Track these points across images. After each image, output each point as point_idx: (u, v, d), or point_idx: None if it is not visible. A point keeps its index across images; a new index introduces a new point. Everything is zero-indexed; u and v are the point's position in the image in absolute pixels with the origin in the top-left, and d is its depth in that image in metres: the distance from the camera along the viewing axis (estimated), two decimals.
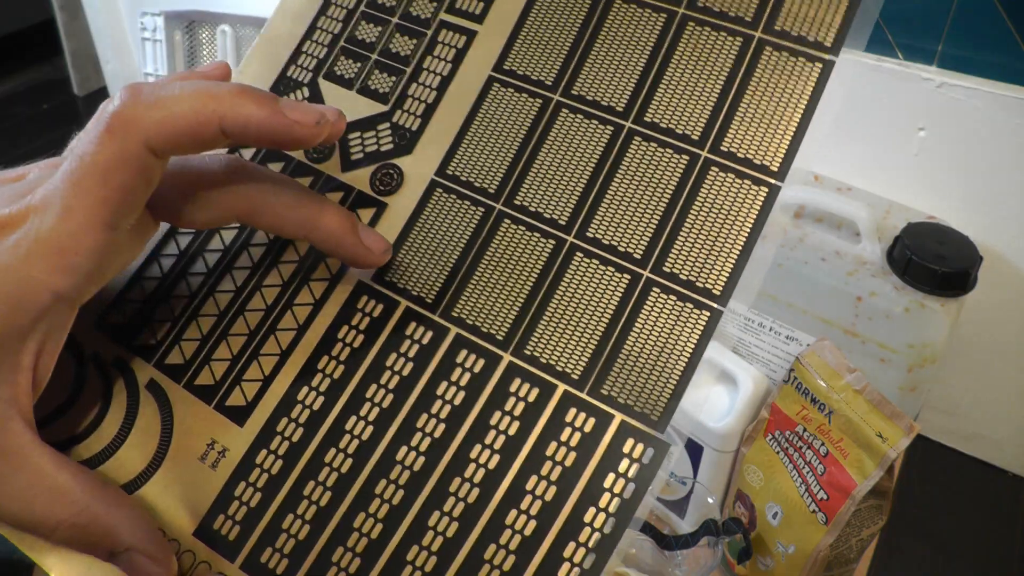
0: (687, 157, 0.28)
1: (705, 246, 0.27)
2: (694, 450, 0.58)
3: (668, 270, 0.27)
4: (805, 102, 0.28)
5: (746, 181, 0.27)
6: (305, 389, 0.28)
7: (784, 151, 0.28)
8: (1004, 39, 0.68)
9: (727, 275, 0.27)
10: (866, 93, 0.74)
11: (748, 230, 0.27)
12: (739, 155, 0.28)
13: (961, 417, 0.85)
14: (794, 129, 0.28)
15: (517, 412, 0.26)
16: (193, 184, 0.27)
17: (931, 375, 0.61)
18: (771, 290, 0.64)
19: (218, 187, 0.27)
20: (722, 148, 0.28)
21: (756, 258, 0.28)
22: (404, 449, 0.27)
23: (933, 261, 0.58)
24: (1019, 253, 0.74)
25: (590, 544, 0.24)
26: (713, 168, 0.28)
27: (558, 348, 0.27)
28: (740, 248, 0.27)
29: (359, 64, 0.33)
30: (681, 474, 0.60)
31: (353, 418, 0.28)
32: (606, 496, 0.25)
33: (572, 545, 0.24)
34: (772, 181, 0.28)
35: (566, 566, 0.24)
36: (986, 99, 0.69)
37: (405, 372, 0.28)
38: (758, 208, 0.27)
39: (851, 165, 0.75)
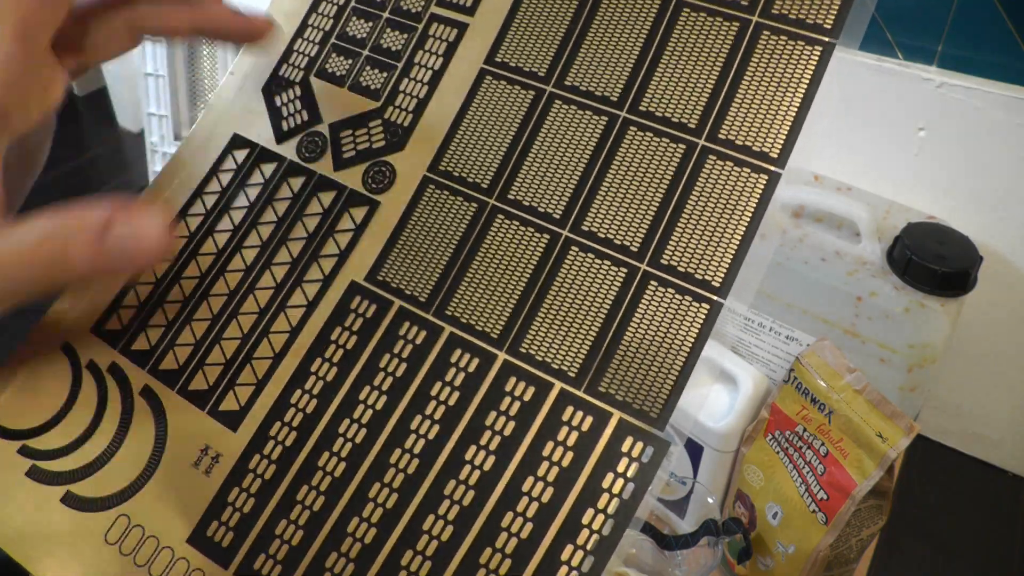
0: (684, 146, 0.27)
1: (704, 237, 0.26)
2: (694, 450, 0.58)
3: (666, 262, 0.26)
4: (805, 87, 0.27)
5: (745, 169, 0.27)
6: (298, 392, 0.28)
7: (784, 137, 0.27)
8: (1004, 39, 0.68)
9: (727, 266, 0.26)
10: (866, 93, 0.74)
11: (748, 219, 0.27)
12: (737, 143, 0.27)
13: (961, 417, 0.85)
14: (794, 115, 0.27)
15: (513, 412, 0.26)
16: (88, 14, 0.27)
17: (931, 375, 0.61)
18: (771, 290, 0.64)
19: (111, 10, 0.27)
20: (720, 136, 0.27)
21: (755, 256, 0.27)
22: (398, 452, 0.26)
23: (933, 261, 0.58)
24: (1019, 253, 0.74)
25: (588, 547, 0.24)
26: (711, 156, 0.27)
27: (554, 345, 0.26)
28: (740, 238, 0.26)
29: (350, 61, 0.33)
30: (681, 474, 0.60)
31: (347, 421, 0.27)
32: (604, 497, 0.24)
33: (570, 548, 0.24)
34: (772, 168, 0.27)
35: (564, 569, 0.24)
36: (986, 99, 0.69)
37: (399, 373, 0.27)
38: (758, 196, 0.27)
39: (851, 165, 0.75)
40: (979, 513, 0.81)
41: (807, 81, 0.27)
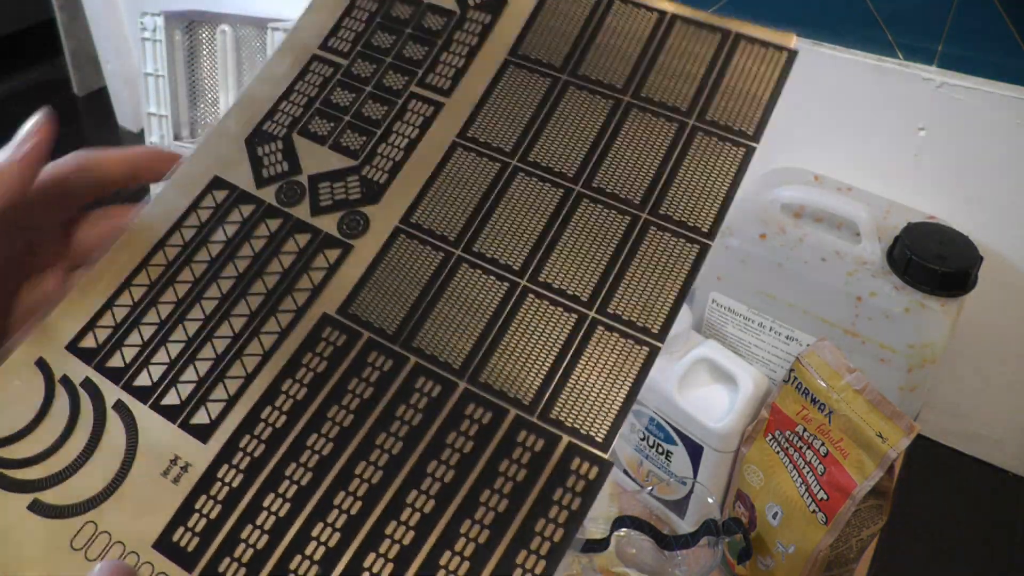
0: (629, 218, 0.32)
1: (645, 291, 0.31)
2: (694, 450, 0.58)
3: (612, 311, 0.30)
4: (732, 176, 0.32)
5: (680, 239, 0.31)
6: (268, 409, 0.30)
7: (715, 214, 0.32)
8: (1004, 39, 0.68)
9: (664, 316, 0.30)
10: (866, 93, 0.74)
11: (683, 279, 0.31)
12: (675, 217, 0.32)
13: (961, 417, 0.85)
14: (723, 197, 0.32)
15: (472, 433, 0.28)
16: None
17: (931, 375, 0.61)
18: (771, 290, 0.64)
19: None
20: (660, 211, 0.32)
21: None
22: (363, 464, 0.28)
23: (933, 261, 0.58)
24: (1019, 253, 0.74)
25: (541, 552, 0.26)
26: (652, 228, 0.32)
27: (510, 377, 0.29)
28: (677, 293, 0.31)
29: (332, 124, 0.36)
30: (681, 474, 0.60)
31: (314, 435, 0.29)
32: (555, 508, 0.27)
33: (524, 553, 0.26)
34: (703, 240, 0.31)
35: (518, 571, 0.26)
36: (986, 99, 0.69)
37: (365, 395, 0.29)
38: (691, 262, 0.31)
39: (851, 165, 0.75)
40: (979, 513, 0.81)
41: (734, 172, 0.32)
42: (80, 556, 0.28)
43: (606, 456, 0.27)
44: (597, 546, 0.52)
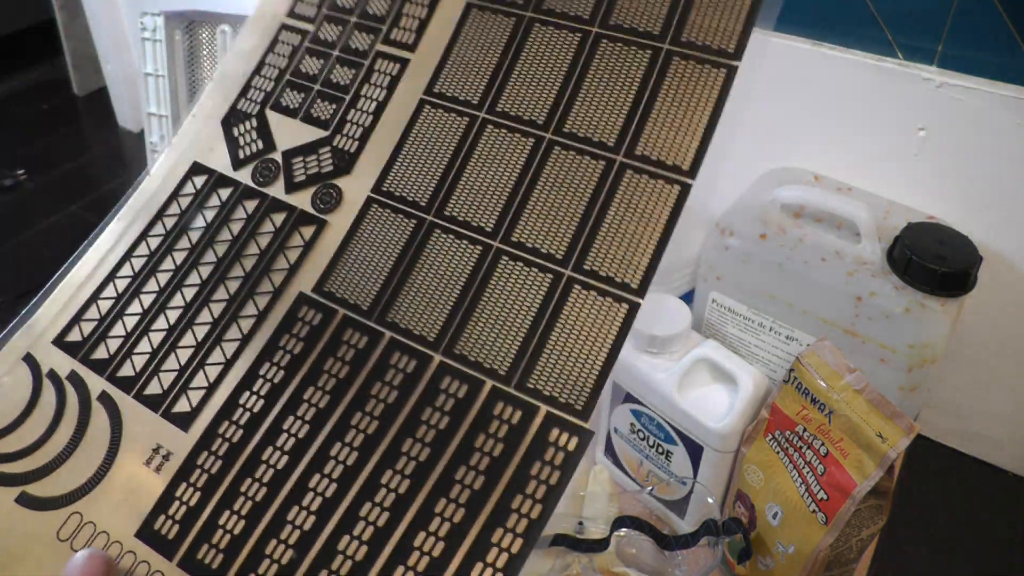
0: (603, 163, 0.30)
1: (623, 244, 0.29)
2: (694, 450, 0.58)
3: (588, 268, 0.29)
4: (713, 104, 0.30)
5: (660, 181, 0.29)
6: (247, 394, 0.30)
7: (695, 151, 0.29)
8: (1004, 39, 0.68)
9: (644, 269, 0.28)
10: (866, 93, 0.74)
11: (663, 226, 0.29)
12: (652, 157, 0.30)
13: (961, 417, 0.85)
14: (703, 130, 0.30)
15: (447, 408, 0.28)
16: None
17: (931, 375, 0.61)
18: (771, 290, 0.64)
19: None
20: (636, 152, 0.30)
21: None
22: (338, 445, 0.28)
23: (933, 261, 0.58)
24: (1019, 253, 0.74)
25: (518, 529, 0.25)
26: (628, 171, 0.30)
27: (486, 346, 0.29)
28: (656, 244, 0.29)
29: (303, 95, 0.36)
30: (681, 474, 0.60)
31: (291, 418, 0.29)
32: (532, 484, 0.26)
33: (500, 531, 0.25)
34: (684, 180, 0.29)
35: (494, 551, 0.25)
36: (986, 99, 0.69)
37: (341, 375, 0.29)
38: (672, 205, 0.29)
39: (851, 165, 0.75)
40: (979, 513, 0.81)
41: (715, 99, 0.30)
42: (66, 547, 0.28)
43: (586, 425, 0.27)
44: (597, 546, 0.52)
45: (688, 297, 0.72)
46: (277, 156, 0.35)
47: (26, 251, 1.20)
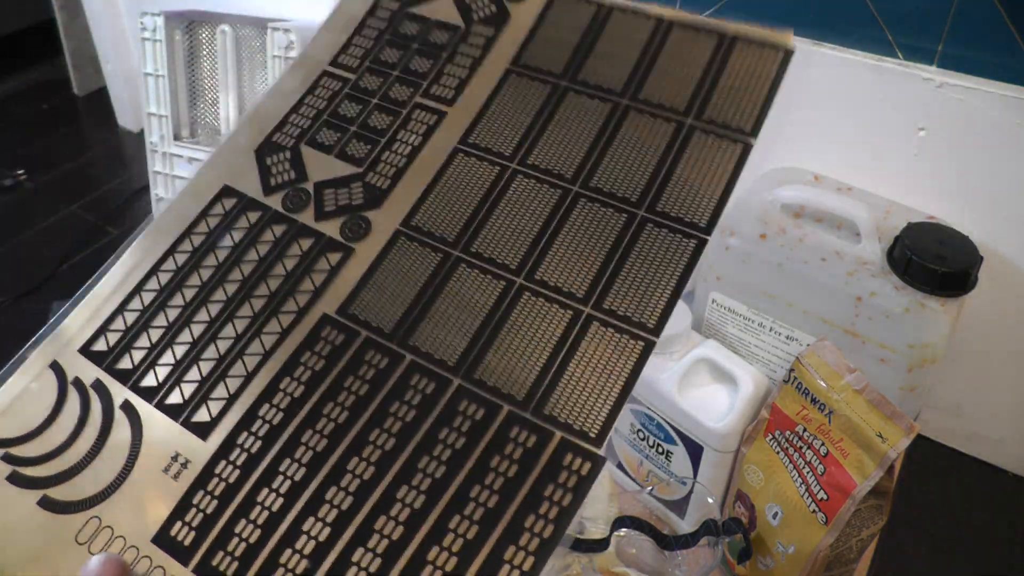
0: (626, 215, 0.32)
1: (641, 288, 0.30)
2: (694, 450, 0.58)
3: (607, 307, 0.30)
4: (730, 173, 0.32)
5: (678, 235, 0.31)
6: (266, 406, 0.30)
7: (712, 208, 0.32)
8: (1004, 39, 0.68)
9: (660, 310, 0.30)
10: (866, 93, 0.74)
11: (680, 273, 0.31)
12: (672, 214, 0.32)
13: (961, 417, 0.85)
14: (720, 193, 0.32)
15: (464, 429, 0.29)
16: None
17: (931, 375, 0.61)
18: (771, 290, 0.64)
19: None
20: (657, 208, 0.32)
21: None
22: (355, 459, 0.29)
23: (933, 261, 0.58)
24: (1019, 253, 0.74)
25: (530, 548, 0.26)
26: (649, 224, 0.32)
27: (504, 373, 0.30)
28: (672, 288, 0.30)
29: (339, 134, 0.37)
30: (681, 474, 0.60)
31: (309, 431, 0.29)
32: (545, 504, 0.27)
33: (512, 548, 0.26)
34: (701, 235, 0.31)
35: (506, 568, 0.26)
36: (986, 99, 0.69)
37: (361, 392, 0.30)
38: (688, 256, 0.31)
39: (851, 165, 0.75)
40: (979, 513, 0.81)
41: (731, 169, 0.32)
42: (84, 550, 0.29)
43: (599, 452, 0.27)
44: (597, 546, 0.52)
45: (688, 297, 0.72)
46: (309, 186, 0.36)
47: (26, 251, 1.21)
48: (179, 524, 0.29)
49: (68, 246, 1.19)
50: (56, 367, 0.33)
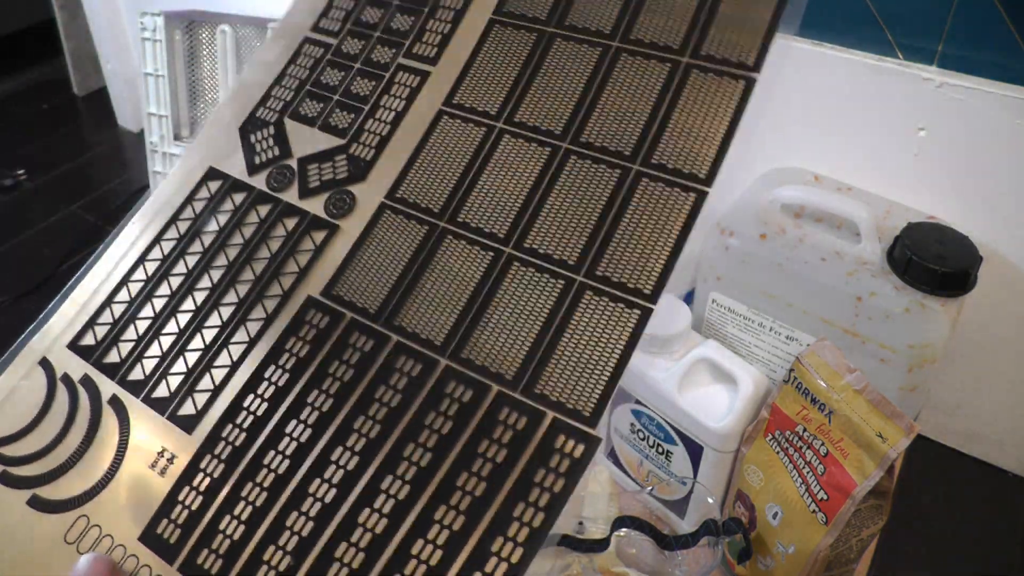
0: (619, 171, 0.30)
1: (636, 250, 0.29)
2: (694, 450, 0.58)
3: (601, 274, 0.29)
4: (730, 115, 0.30)
5: (675, 189, 0.29)
6: (251, 397, 0.30)
7: (712, 159, 0.29)
8: (1004, 39, 0.68)
9: (657, 276, 0.28)
10: (866, 93, 0.74)
11: (677, 233, 0.28)
12: (669, 166, 0.30)
13: (961, 417, 0.85)
14: (720, 140, 0.30)
15: (451, 412, 0.27)
16: None
17: (931, 375, 0.61)
18: (771, 290, 0.64)
19: None
20: (652, 161, 0.30)
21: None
22: (340, 450, 0.28)
23: (933, 261, 0.58)
24: (1019, 253, 0.74)
25: (519, 538, 0.25)
26: (644, 179, 0.30)
27: (493, 351, 0.28)
28: (670, 251, 0.28)
29: (321, 104, 0.36)
30: (681, 474, 0.60)
31: (294, 422, 0.29)
32: (536, 491, 0.25)
33: (500, 540, 0.25)
34: (701, 187, 0.29)
35: (493, 561, 0.25)
36: (986, 99, 0.69)
37: (346, 378, 0.29)
38: (687, 212, 0.29)
39: (851, 165, 0.75)
40: (979, 513, 0.81)
41: (733, 110, 0.30)
42: (72, 549, 0.29)
43: (593, 431, 0.26)
44: (597, 546, 0.52)
45: (688, 297, 0.72)
46: (292, 163, 0.35)
47: (26, 251, 1.21)
48: (165, 522, 0.28)
49: (68, 246, 1.19)
50: (45, 364, 0.33)
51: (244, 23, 1.02)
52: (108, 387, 0.32)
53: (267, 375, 0.30)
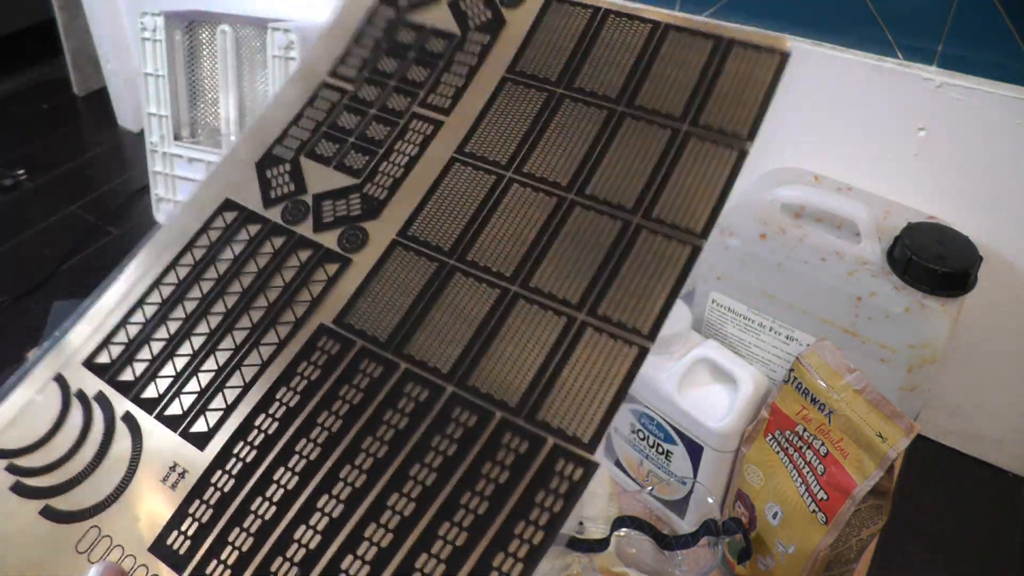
0: (621, 222, 0.32)
1: (635, 293, 0.30)
2: (694, 450, 0.58)
3: (602, 313, 0.30)
4: (726, 178, 0.32)
5: (673, 241, 0.31)
6: (262, 416, 0.31)
7: (708, 214, 0.32)
8: (1004, 39, 0.68)
9: (655, 316, 0.30)
10: (866, 93, 0.74)
11: (675, 279, 0.31)
12: (667, 221, 0.32)
13: (961, 417, 0.85)
14: (716, 198, 0.32)
15: (457, 436, 0.29)
16: None
17: (931, 375, 0.61)
18: (771, 290, 0.64)
19: None
20: (652, 215, 0.32)
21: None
22: (347, 467, 0.29)
23: (933, 261, 0.58)
24: (1019, 253, 0.74)
25: (519, 554, 0.26)
26: (644, 231, 0.32)
27: (498, 380, 0.30)
28: (667, 294, 0.30)
29: (337, 145, 0.37)
30: (681, 474, 0.60)
31: (303, 440, 0.30)
32: (536, 511, 0.27)
33: (501, 555, 0.26)
34: (697, 241, 0.31)
35: (494, 575, 0.26)
36: (986, 99, 0.69)
37: (355, 401, 0.30)
38: (683, 262, 0.31)
39: (851, 165, 0.75)
40: (979, 513, 0.81)
41: (727, 174, 0.32)
42: (83, 559, 0.29)
43: (592, 457, 0.27)
44: (597, 546, 0.52)
45: (688, 297, 0.72)
46: (307, 198, 0.36)
47: (26, 251, 1.21)
48: (175, 533, 0.29)
49: (68, 246, 1.19)
50: (60, 379, 0.34)
51: (244, 23, 1.02)
52: (122, 404, 0.33)
53: (278, 396, 0.31)
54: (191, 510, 0.29)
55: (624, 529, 0.53)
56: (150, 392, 0.33)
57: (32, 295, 1.11)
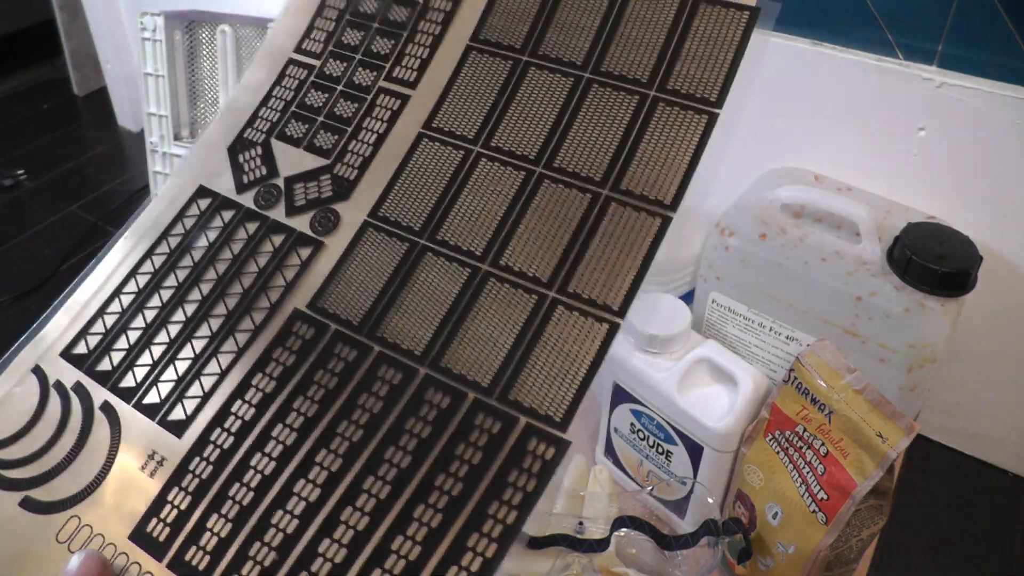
0: (590, 195, 0.32)
1: (606, 270, 0.30)
2: (694, 450, 0.58)
3: (572, 290, 0.30)
4: (695, 146, 0.32)
5: (642, 214, 0.31)
6: (239, 403, 0.31)
7: (677, 187, 0.31)
8: (1004, 39, 0.68)
9: (625, 292, 0.30)
10: (866, 93, 0.74)
11: (644, 254, 0.30)
12: (636, 192, 0.32)
13: (961, 417, 0.85)
14: (685, 169, 0.31)
15: (430, 418, 0.29)
16: None
17: (931, 375, 0.61)
18: (771, 290, 0.64)
19: None
20: (622, 187, 0.32)
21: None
22: (323, 452, 0.29)
23: (933, 261, 0.58)
24: (1019, 253, 0.74)
25: (493, 534, 0.26)
26: (613, 203, 0.32)
27: (470, 360, 0.30)
28: (637, 270, 0.30)
29: (307, 126, 0.37)
30: (681, 474, 0.60)
31: (280, 426, 0.30)
32: (509, 490, 0.27)
33: (475, 536, 0.26)
34: (666, 213, 0.31)
35: (468, 555, 0.26)
36: (986, 99, 0.69)
37: (330, 386, 0.31)
38: (653, 235, 0.31)
39: (851, 165, 0.75)
40: (979, 513, 0.81)
41: (696, 142, 0.32)
42: (64, 548, 0.30)
43: (564, 436, 0.27)
44: (597, 546, 0.52)
45: (688, 297, 0.72)
46: (279, 182, 0.36)
47: (26, 251, 1.21)
48: (154, 521, 0.29)
49: (68, 246, 1.19)
50: (38, 371, 0.34)
51: (244, 23, 1.02)
52: (100, 393, 0.33)
53: (254, 382, 0.31)
54: (170, 497, 0.30)
55: (624, 529, 0.53)
56: (128, 381, 0.33)
57: (32, 295, 1.11)
